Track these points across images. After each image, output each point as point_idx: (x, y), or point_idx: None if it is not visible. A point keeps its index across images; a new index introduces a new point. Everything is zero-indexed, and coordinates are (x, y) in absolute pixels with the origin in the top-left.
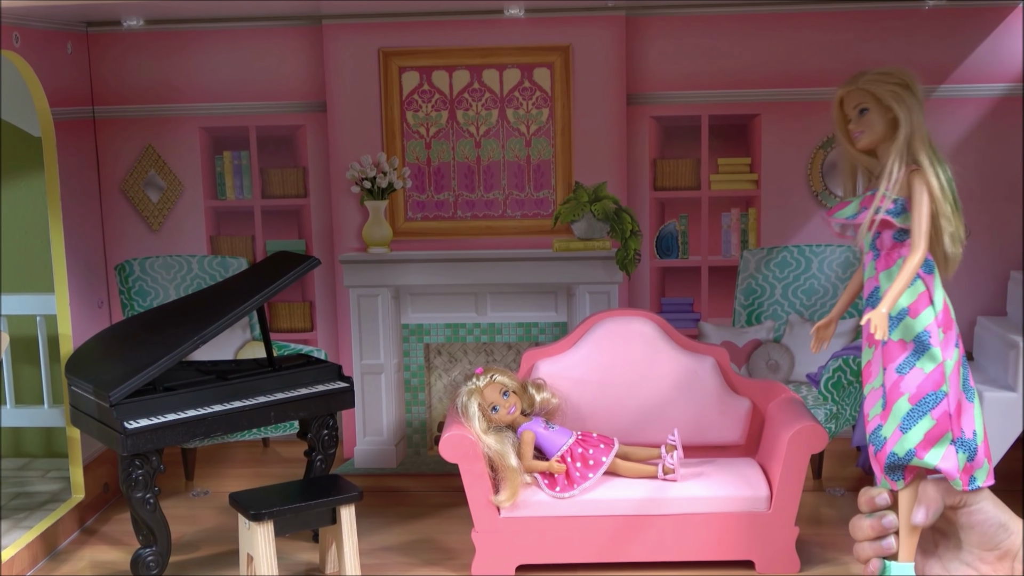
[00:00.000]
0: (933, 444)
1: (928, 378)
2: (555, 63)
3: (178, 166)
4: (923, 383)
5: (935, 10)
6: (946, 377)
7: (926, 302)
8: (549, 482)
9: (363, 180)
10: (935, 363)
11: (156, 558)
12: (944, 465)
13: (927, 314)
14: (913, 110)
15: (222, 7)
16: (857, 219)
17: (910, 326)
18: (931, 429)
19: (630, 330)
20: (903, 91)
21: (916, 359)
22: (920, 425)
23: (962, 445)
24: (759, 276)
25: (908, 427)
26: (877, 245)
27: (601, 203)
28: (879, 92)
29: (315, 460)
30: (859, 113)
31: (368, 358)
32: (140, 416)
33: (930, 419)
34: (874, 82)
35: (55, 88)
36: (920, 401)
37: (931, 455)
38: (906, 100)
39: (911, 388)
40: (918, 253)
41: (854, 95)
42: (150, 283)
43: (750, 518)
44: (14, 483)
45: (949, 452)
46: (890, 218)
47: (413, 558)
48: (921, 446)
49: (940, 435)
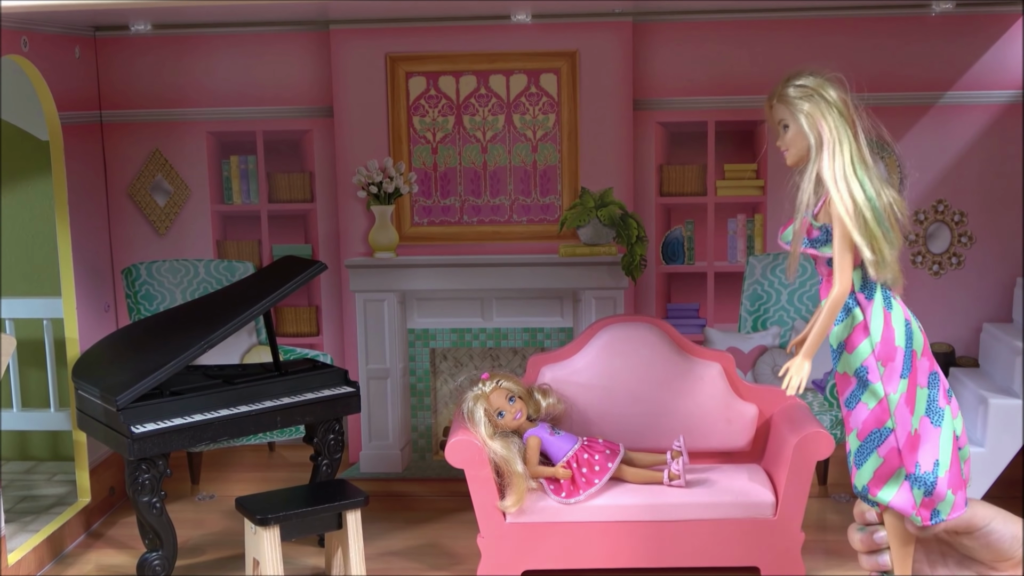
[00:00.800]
0: (884, 482)
1: (871, 414)
2: (562, 69)
3: (185, 170)
4: (867, 419)
5: (941, 17)
6: (891, 412)
7: (862, 335)
8: (555, 488)
9: (370, 185)
10: (877, 398)
11: (162, 562)
12: (896, 503)
13: (863, 348)
14: (828, 125)
15: (230, 11)
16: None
17: (847, 361)
18: (880, 467)
19: (636, 336)
20: (816, 107)
21: (860, 393)
22: (869, 463)
23: (916, 481)
24: (765, 282)
25: (860, 463)
26: (819, 271)
27: (607, 209)
28: (790, 108)
29: (321, 465)
30: (782, 129)
31: (374, 363)
32: (147, 420)
33: (877, 456)
34: (787, 98)
35: (63, 92)
36: (866, 438)
37: (883, 493)
38: (817, 114)
39: (858, 423)
40: (837, 287)
41: (777, 108)
42: (157, 287)
43: (756, 524)
44: (20, 486)
45: (903, 489)
46: (815, 251)
47: (419, 563)
48: (873, 483)
49: (890, 472)
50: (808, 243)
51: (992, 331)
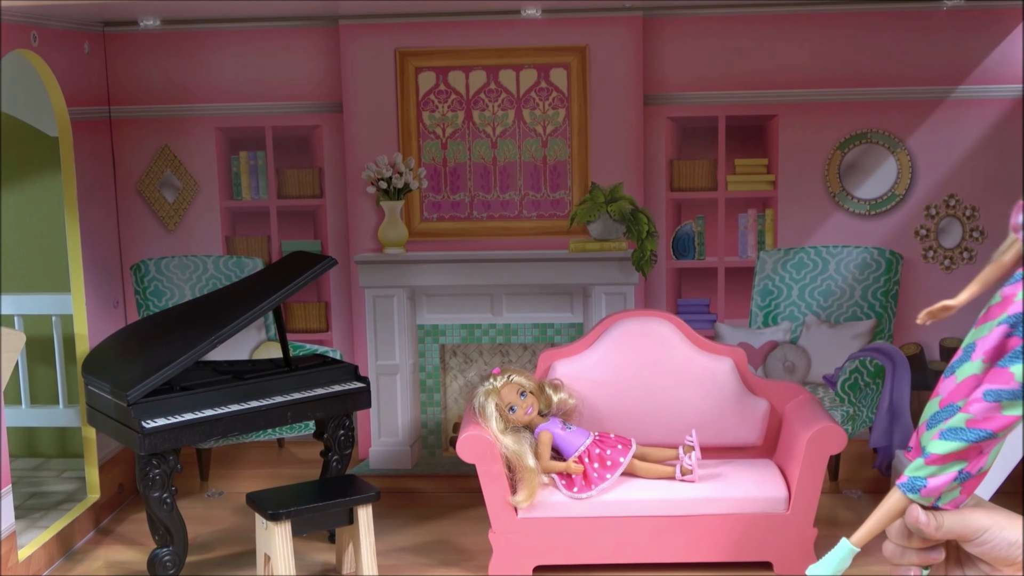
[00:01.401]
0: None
1: (999, 419)
2: (572, 64)
3: (194, 166)
4: (991, 419)
5: (952, 11)
6: (1010, 428)
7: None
8: (567, 483)
9: (379, 180)
10: (1016, 413)
11: (173, 558)
12: (934, 483)
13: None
14: None
15: (239, 7)
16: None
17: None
18: (954, 452)
19: (647, 331)
20: None
21: (1007, 397)
22: (954, 444)
23: (963, 477)
24: (776, 277)
25: (948, 437)
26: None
27: (617, 204)
28: None
29: (331, 460)
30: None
31: (383, 359)
32: (157, 415)
33: (964, 444)
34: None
35: (72, 88)
36: (972, 429)
37: (936, 470)
38: None
39: (979, 415)
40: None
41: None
42: (166, 283)
43: (768, 519)
44: (29, 483)
45: (949, 476)
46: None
47: (430, 559)
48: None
49: (956, 459)
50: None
51: None
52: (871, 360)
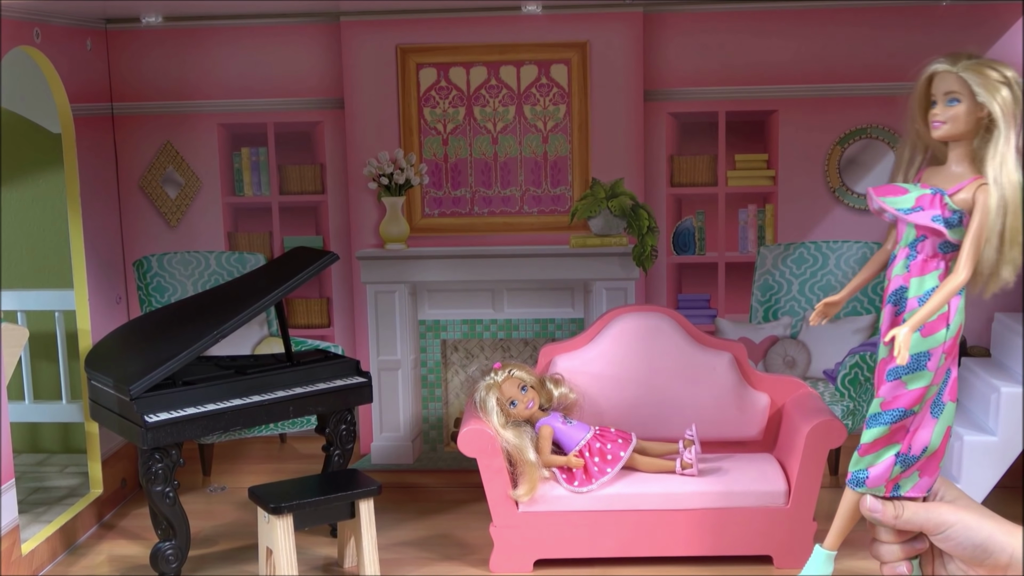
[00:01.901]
0: (876, 450)
1: (907, 395)
2: (572, 59)
3: (196, 162)
4: (900, 397)
5: (951, 7)
6: (923, 400)
7: (942, 324)
8: (567, 477)
9: (380, 176)
10: (921, 384)
11: (175, 552)
12: (875, 471)
13: (938, 336)
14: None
15: (241, 4)
16: (911, 216)
17: (916, 342)
18: (881, 436)
19: (648, 326)
20: (1005, 90)
21: (905, 372)
22: (877, 430)
23: (903, 460)
24: (776, 272)
25: (870, 425)
26: (917, 248)
27: (618, 199)
28: (982, 88)
29: (333, 455)
30: (948, 101)
31: (385, 354)
32: (160, 410)
33: (886, 428)
34: (979, 74)
35: (75, 84)
36: (888, 411)
37: (869, 458)
38: (1007, 102)
39: (888, 395)
40: (962, 276)
41: (947, 79)
42: (168, 279)
43: (768, 513)
44: (32, 478)
45: (886, 463)
46: (944, 230)
47: (431, 553)
48: (867, 446)
49: (887, 444)
50: (942, 221)
51: (1004, 321)
52: (871, 355)
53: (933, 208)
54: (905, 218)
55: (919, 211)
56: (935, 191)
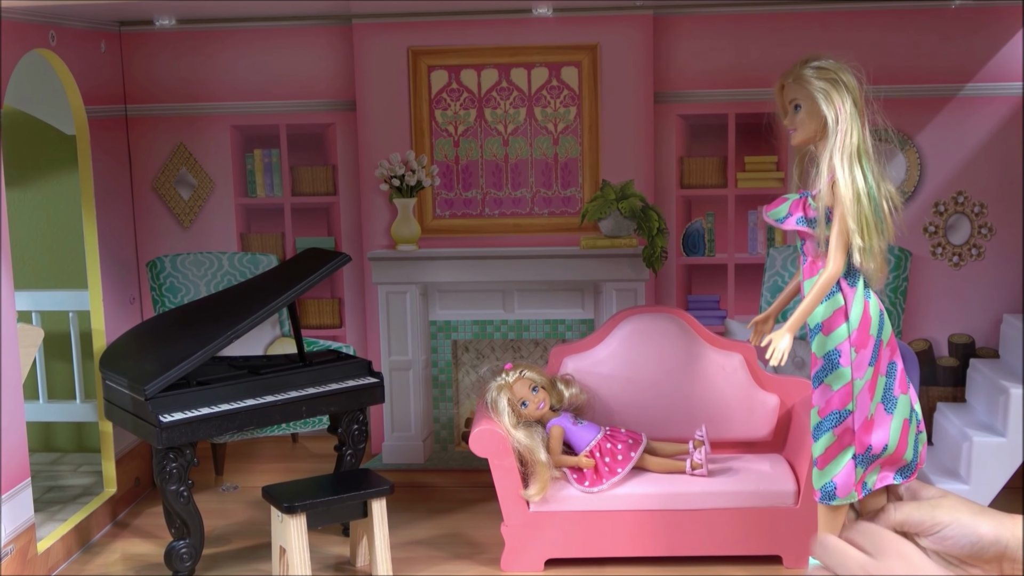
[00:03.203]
0: (831, 459)
1: (835, 396)
2: (583, 62)
3: (209, 164)
4: (830, 400)
5: (961, 9)
6: (853, 396)
7: (841, 319)
8: (578, 477)
9: (392, 178)
10: (843, 382)
11: (189, 550)
12: (840, 480)
13: (840, 332)
14: (844, 113)
15: (253, 6)
16: (784, 224)
17: (822, 342)
18: (832, 444)
19: (658, 327)
20: (835, 90)
21: (825, 375)
22: (824, 439)
23: (861, 460)
24: (785, 274)
25: (816, 436)
26: (804, 250)
27: (628, 201)
28: (810, 91)
29: (345, 455)
30: (793, 109)
31: (396, 355)
32: (175, 410)
33: (831, 435)
34: (805, 78)
35: (89, 86)
36: (826, 416)
37: (829, 469)
38: (837, 101)
39: (820, 402)
40: (829, 269)
41: (790, 88)
42: (181, 279)
43: (778, 513)
44: (46, 477)
45: (847, 469)
46: (806, 228)
47: (443, 552)
48: (822, 458)
49: (840, 449)
50: (804, 222)
51: (1012, 322)
52: None
53: (798, 211)
54: (780, 227)
55: (788, 217)
56: (803, 194)
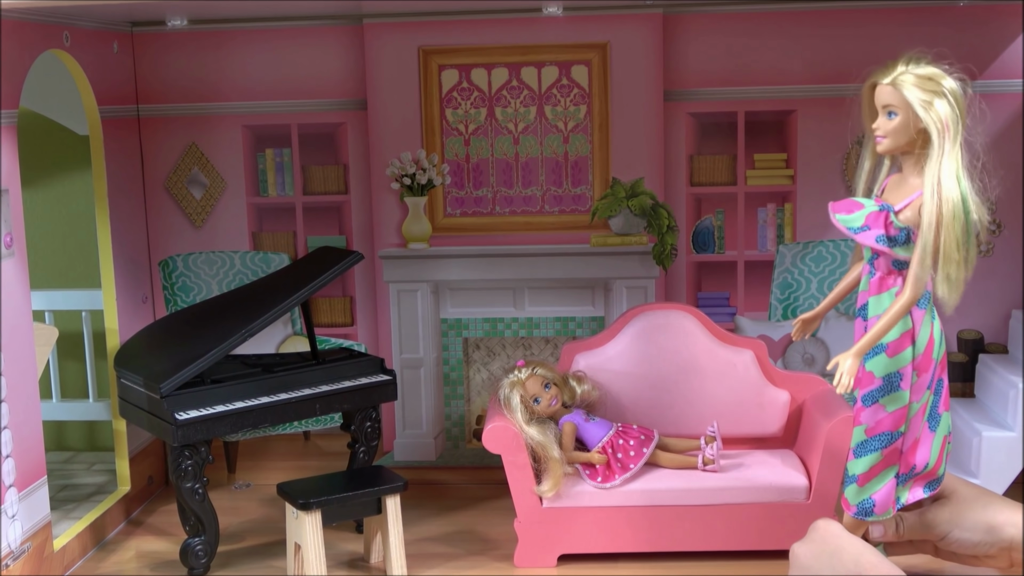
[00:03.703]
0: (873, 477)
1: (888, 417)
2: (593, 60)
3: (221, 163)
4: (882, 421)
5: (970, 7)
6: (908, 419)
7: (907, 342)
8: (591, 473)
9: (403, 177)
10: (899, 405)
11: (205, 547)
12: (879, 497)
13: (905, 355)
14: (948, 130)
15: (265, 7)
16: (859, 236)
17: (885, 363)
18: (876, 463)
19: (669, 323)
20: (940, 102)
21: (881, 396)
22: (869, 458)
23: (903, 479)
24: (795, 271)
25: (859, 454)
26: (875, 264)
27: (638, 199)
28: (915, 102)
29: (358, 452)
30: (887, 114)
31: (407, 352)
32: (190, 407)
33: (879, 455)
34: (908, 85)
35: (102, 87)
36: (874, 436)
37: (869, 486)
38: (941, 116)
39: (870, 421)
40: (909, 295)
41: (884, 91)
42: (193, 279)
43: (789, 508)
44: (60, 475)
45: (888, 486)
46: (888, 250)
47: (455, 548)
48: (863, 476)
49: (883, 469)
50: (886, 241)
51: (1021, 318)
52: None
53: (878, 227)
54: (853, 237)
55: (866, 230)
56: (883, 208)
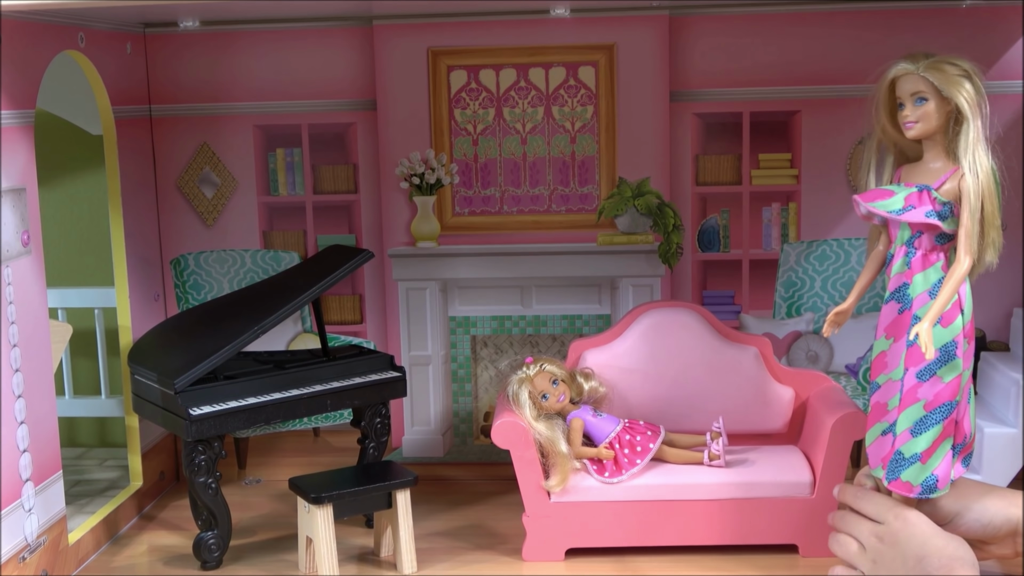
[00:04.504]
0: (935, 449)
1: (946, 387)
2: (600, 61)
3: (232, 163)
4: (941, 392)
5: (973, 8)
6: (961, 387)
7: (957, 311)
8: (598, 468)
9: (412, 176)
10: (955, 373)
11: (217, 541)
12: (940, 472)
13: (957, 324)
14: (977, 107)
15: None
16: (904, 216)
17: (939, 335)
18: (937, 436)
19: (675, 321)
20: (968, 82)
21: (938, 367)
22: (931, 432)
23: (957, 449)
24: (799, 269)
25: (919, 432)
26: (915, 244)
27: (644, 198)
28: (946, 85)
29: (368, 447)
30: (916, 102)
31: (416, 350)
32: (204, 403)
33: (940, 427)
34: (940, 72)
35: (116, 87)
36: (935, 409)
37: (931, 461)
38: (971, 94)
39: (928, 395)
40: (966, 263)
41: (912, 80)
42: (204, 277)
43: (794, 503)
44: (73, 471)
45: (947, 459)
46: (939, 223)
47: (464, 542)
48: (927, 452)
49: (943, 440)
50: (936, 215)
51: (1022, 316)
52: None
53: (924, 204)
54: (899, 219)
55: (911, 210)
56: (920, 188)
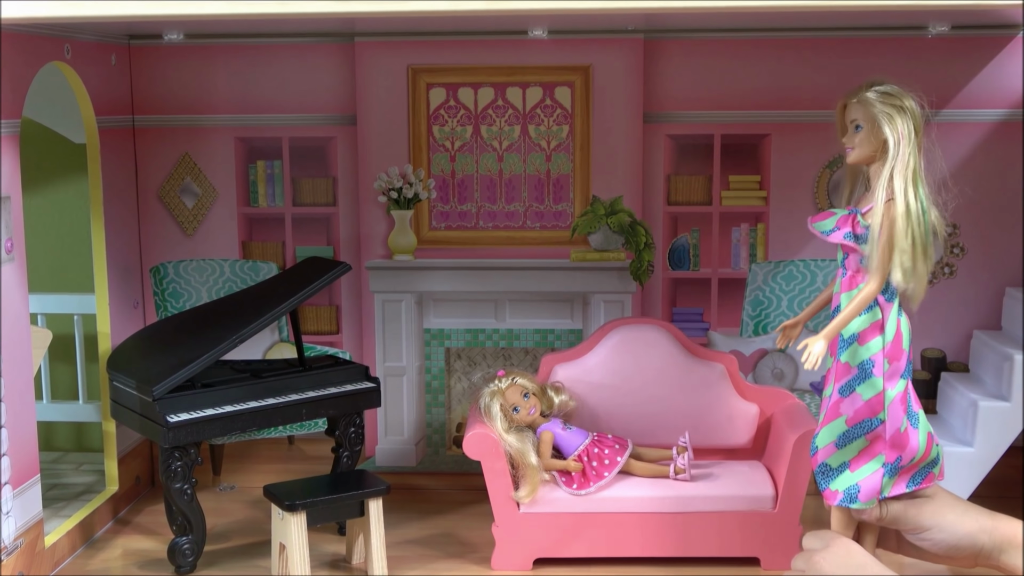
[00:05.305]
0: (866, 461)
1: (866, 405)
2: (576, 82)
3: (213, 174)
4: (860, 409)
5: (937, 38)
6: (884, 406)
7: (876, 331)
8: (566, 480)
9: (390, 190)
10: (875, 392)
11: (192, 546)
12: (866, 485)
13: (875, 343)
14: (904, 138)
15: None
16: (830, 237)
17: (857, 352)
18: (864, 448)
19: (644, 337)
20: (899, 116)
21: (857, 384)
22: (854, 445)
23: (891, 470)
24: (766, 288)
25: (843, 444)
26: (846, 264)
27: (617, 216)
28: (873, 113)
29: (342, 456)
30: (854, 128)
31: (391, 360)
32: (181, 410)
33: (863, 440)
34: (871, 101)
35: (100, 97)
36: (856, 425)
37: (861, 471)
38: (899, 127)
39: (849, 411)
40: (872, 284)
41: (852, 108)
42: (183, 285)
43: (757, 517)
44: (50, 475)
45: (876, 474)
46: (852, 244)
47: (435, 551)
48: (855, 460)
49: (871, 457)
50: (852, 237)
51: (982, 338)
52: None
53: (846, 227)
54: (826, 239)
55: (836, 231)
56: (852, 211)
